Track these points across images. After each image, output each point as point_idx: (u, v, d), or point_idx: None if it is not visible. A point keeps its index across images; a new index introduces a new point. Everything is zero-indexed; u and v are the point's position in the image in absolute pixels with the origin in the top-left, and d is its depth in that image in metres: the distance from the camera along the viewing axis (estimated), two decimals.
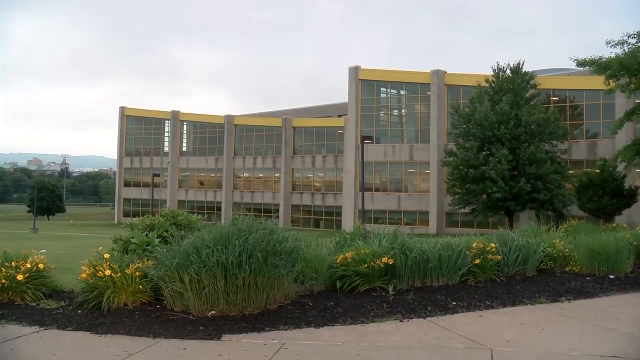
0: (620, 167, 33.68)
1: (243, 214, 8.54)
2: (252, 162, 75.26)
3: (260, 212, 63.74)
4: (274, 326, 7.00)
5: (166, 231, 10.23)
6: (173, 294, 7.52)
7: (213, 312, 7.42)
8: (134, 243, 9.14)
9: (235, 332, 6.81)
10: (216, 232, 7.82)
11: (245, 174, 77.04)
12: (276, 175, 72.32)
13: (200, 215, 12.47)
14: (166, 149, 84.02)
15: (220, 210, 74.18)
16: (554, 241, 10.97)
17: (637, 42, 26.60)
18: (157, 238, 9.41)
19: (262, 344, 6.36)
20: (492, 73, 44.88)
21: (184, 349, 6.23)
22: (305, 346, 6.37)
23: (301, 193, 70.37)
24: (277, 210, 69.53)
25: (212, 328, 6.91)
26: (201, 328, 6.92)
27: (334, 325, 7.15)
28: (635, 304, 8.77)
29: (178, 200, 79.45)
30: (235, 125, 77.31)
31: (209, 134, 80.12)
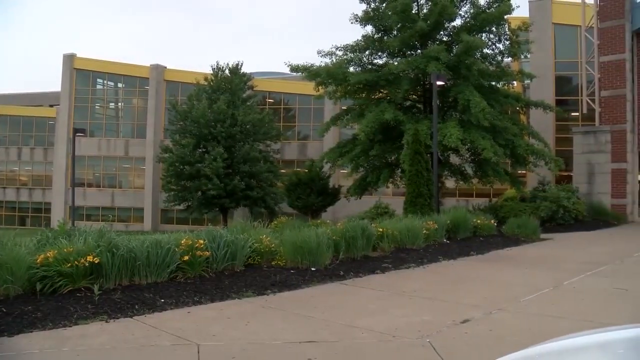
0: (326, 167, 36.21)
1: None
2: None
3: None
4: None
5: None
6: None
7: None
8: None
9: None
10: None
11: None
12: None
13: None
14: None
15: None
16: (261, 237, 11.40)
17: (343, 55, 28.88)
18: None
19: None
20: (212, 72, 45.68)
21: None
22: None
23: (4, 188, 64.63)
24: None
25: None
26: None
27: (31, 332, 6.57)
28: (332, 292, 9.47)
29: None
30: None
31: None
